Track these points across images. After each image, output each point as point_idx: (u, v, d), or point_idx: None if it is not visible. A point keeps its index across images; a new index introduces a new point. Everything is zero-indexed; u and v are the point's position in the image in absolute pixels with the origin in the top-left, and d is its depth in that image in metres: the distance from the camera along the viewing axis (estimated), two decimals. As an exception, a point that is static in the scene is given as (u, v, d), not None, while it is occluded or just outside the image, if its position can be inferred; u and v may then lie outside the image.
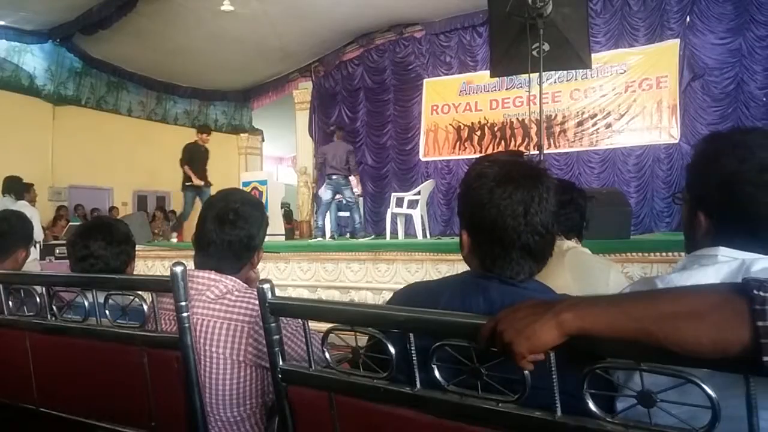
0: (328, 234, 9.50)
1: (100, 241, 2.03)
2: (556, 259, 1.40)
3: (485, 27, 10.48)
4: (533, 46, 5.54)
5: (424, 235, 8.96)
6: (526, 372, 0.96)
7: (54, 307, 1.78)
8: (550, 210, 1.20)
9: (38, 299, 1.79)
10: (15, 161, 10.02)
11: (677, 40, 9.65)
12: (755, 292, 0.78)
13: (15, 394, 1.94)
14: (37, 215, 7.88)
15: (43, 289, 1.80)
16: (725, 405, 0.81)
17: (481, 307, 1.17)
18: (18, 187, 7.65)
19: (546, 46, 5.53)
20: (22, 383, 1.89)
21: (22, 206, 7.19)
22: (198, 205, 8.85)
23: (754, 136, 1.16)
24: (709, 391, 0.82)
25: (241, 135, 16.84)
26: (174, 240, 9.51)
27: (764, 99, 8.99)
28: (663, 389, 0.85)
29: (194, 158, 9.25)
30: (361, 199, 9.74)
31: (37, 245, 7.52)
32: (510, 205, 1.18)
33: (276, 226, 10.65)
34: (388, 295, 5.85)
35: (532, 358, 0.93)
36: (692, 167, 1.25)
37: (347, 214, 9.51)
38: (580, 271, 1.88)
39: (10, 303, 1.89)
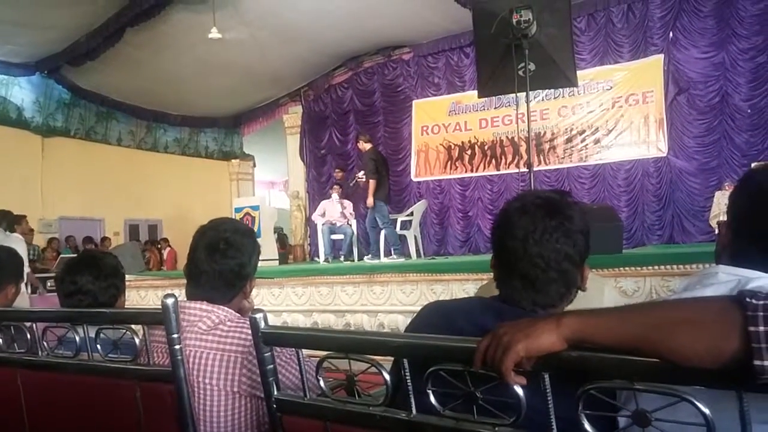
0: (322, 257, 9.48)
1: (87, 275, 2.01)
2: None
3: (472, 48, 10.59)
4: (519, 66, 5.60)
5: (418, 256, 8.96)
6: (521, 394, 0.95)
7: (45, 343, 1.76)
8: (555, 246, 1.20)
9: (29, 335, 1.77)
10: (4, 194, 10.00)
11: (661, 56, 9.79)
12: (748, 299, 0.80)
13: (7, 432, 1.92)
14: (23, 247, 7.80)
15: (34, 325, 1.78)
16: (718, 421, 0.81)
17: (492, 327, 1.17)
18: (9, 220, 7.57)
19: (532, 66, 5.59)
20: (13, 420, 1.86)
21: (15, 239, 7.14)
22: None
23: None
24: (703, 409, 0.82)
25: (232, 161, 16.90)
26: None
27: (749, 110, 9.11)
28: (657, 408, 0.85)
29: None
30: (354, 221, 9.75)
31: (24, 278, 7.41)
32: (512, 230, 1.21)
33: (269, 251, 10.63)
34: (383, 318, 5.85)
35: (515, 379, 0.93)
36: (735, 186, 1.28)
37: (341, 237, 9.50)
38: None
39: (0, 340, 1.87)
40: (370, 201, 8.35)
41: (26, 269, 7.47)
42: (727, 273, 1.17)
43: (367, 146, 8.71)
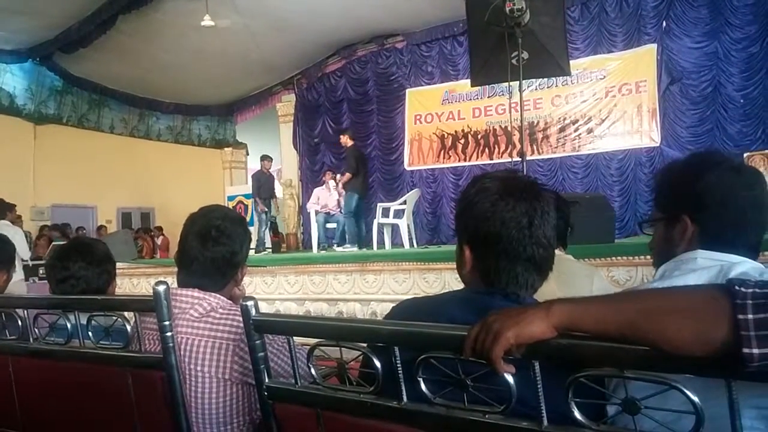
0: (316, 247, 9.51)
1: (80, 261, 2.01)
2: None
3: (465, 36, 10.55)
4: (512, 55, 5.58)
5: (411, 245, 8.97)
6: (512, 382, 0.95)
7: (36, 330, 1.76)
8: (552, 223, 1.22)
9: (20, 322, 1.77)
10: (-4, 181, 9.94)
11: (654, 45, 9.78)
12: (737, 288, 0.81)
13: (-2, 420, 1.92)
14: (21, 234, 7.80)
15: (26, 312, 1.77)
16: (707, 407, 0.82)
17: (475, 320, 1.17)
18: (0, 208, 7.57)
19: (525, 55, 5.57)
20: (5, 408, 1.86)
21: (4, 226, 7.13)
22: None
23: (719, 152, 1.40)
24: (692, 396, 0.82)
25: (225, 149, 16.80)
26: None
27: (741, 100, 9.12)
28: (647, 396, 0.86)
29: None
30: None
31: (22, 264, 7.43)
32: (515, 217, 1.19)
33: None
34: (376, 306, 5.86)
35: (505, 367, 0.93)
36: (674, 182, 1.37)
37: (335, 225, 9.52)
38: (564, 278, 1.89)
39: (-8, 327, 1.86)
40: (340, 190, 9.46)
41: (27, 254, 7.49)
42: (706, 258, 1.22)
43: (350, 143, 9.48)
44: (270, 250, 10.68)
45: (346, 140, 9.49)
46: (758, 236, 1.29)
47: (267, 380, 1.33)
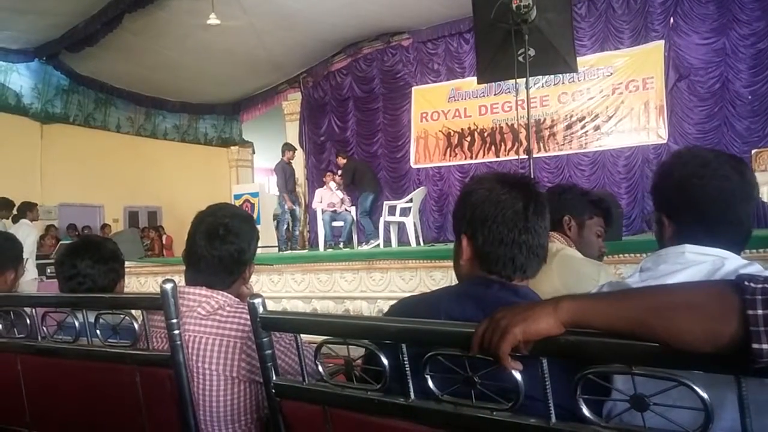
0: (322, 245, 9.52)
1: (87, 259, 2.01)
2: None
3: (471, 34, 10.52)
4: (519, 52, 5.56)
5: (418, 243, 8.97)
6: (519, 379, 0.95)
7: (45, 329, 1.76)
8: (546, 216, 1.27)
9: (28, 321, 1.78)
10: (4, 180, 9.97)
11: (662, 42, 9.72)
12: (746, 283, 0.80)
13: (7, 417, 1.93)
14: (37, 233, 7.89)
15: (34, 310, 1.78)
16: (717, 404, 0.82)
17: (480, 316, 1.17)
18: (22, 207, 7.67)
19: (531, 52, 5.55)
20: (14, 406, 1.87)
21: (24, 225, 7.24)
22: None
23: (690, 149, 1.38)
24: (702, 393, 0.82)
25: (232, 148, 16.82)
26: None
27: (749, 97, 9.07)
28: (655, 393, 0.85)
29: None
30: (353, 207, 9.80)
31: (35, 263, 7.52)
32: (509, 200, 1.23)
33: (269, 238, 10.63)
34: (382, 304, 5.86)
35: (512, 364, 0.93)
36: (655, 184, 1.40)
37: (341, 224, 9.53)
38: (569, 275, 1.88)
39: (0, 325, 1.87)
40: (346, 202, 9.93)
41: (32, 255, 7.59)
42: (695, 252, 1.23)
43: (342, 161, 10.33)
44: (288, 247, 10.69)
45: (340, 161, 10.38)
46: (736, 230, 1.27)
47: (274, 378, 1.34)
